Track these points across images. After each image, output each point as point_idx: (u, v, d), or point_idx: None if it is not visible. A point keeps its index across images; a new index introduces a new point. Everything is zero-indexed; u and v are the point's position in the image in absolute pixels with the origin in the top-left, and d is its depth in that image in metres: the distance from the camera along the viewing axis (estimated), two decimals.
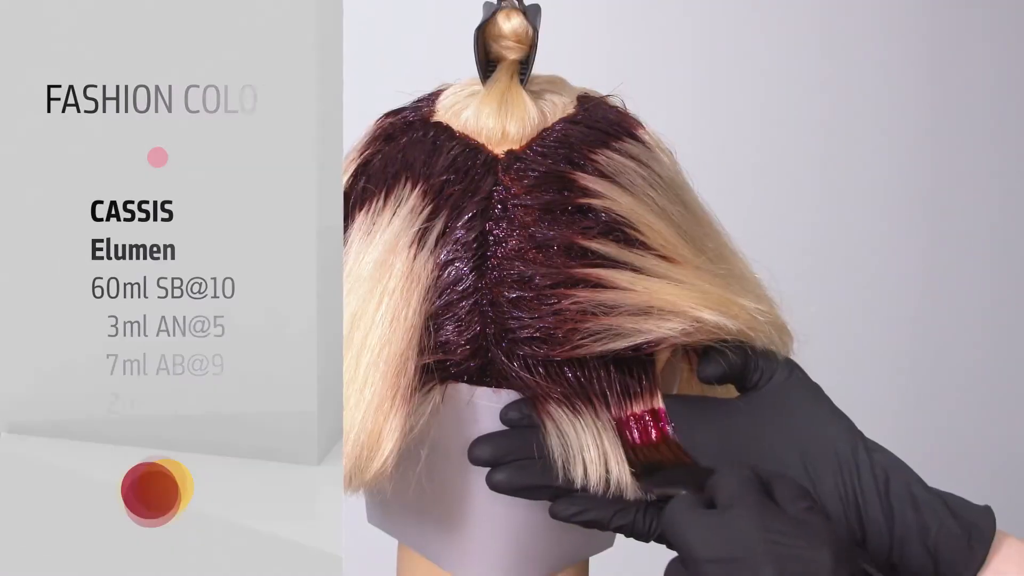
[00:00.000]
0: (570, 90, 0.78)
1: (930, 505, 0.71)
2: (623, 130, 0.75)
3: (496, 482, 0.71)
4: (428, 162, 0.73)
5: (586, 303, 0.69)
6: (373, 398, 0.68)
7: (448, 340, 0.70)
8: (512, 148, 0.73)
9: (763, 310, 0.73)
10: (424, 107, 0.77)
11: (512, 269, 0.70)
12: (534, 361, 0.70)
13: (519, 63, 0.75)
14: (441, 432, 0.72)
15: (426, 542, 0.75)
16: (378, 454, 0.68)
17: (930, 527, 0.70)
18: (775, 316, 0.74)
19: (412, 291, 0.70)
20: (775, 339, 0.74)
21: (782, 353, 0.75)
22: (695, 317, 0.69)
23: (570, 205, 0.71)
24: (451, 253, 0.71)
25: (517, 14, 0.75)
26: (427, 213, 0.71)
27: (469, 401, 0.71)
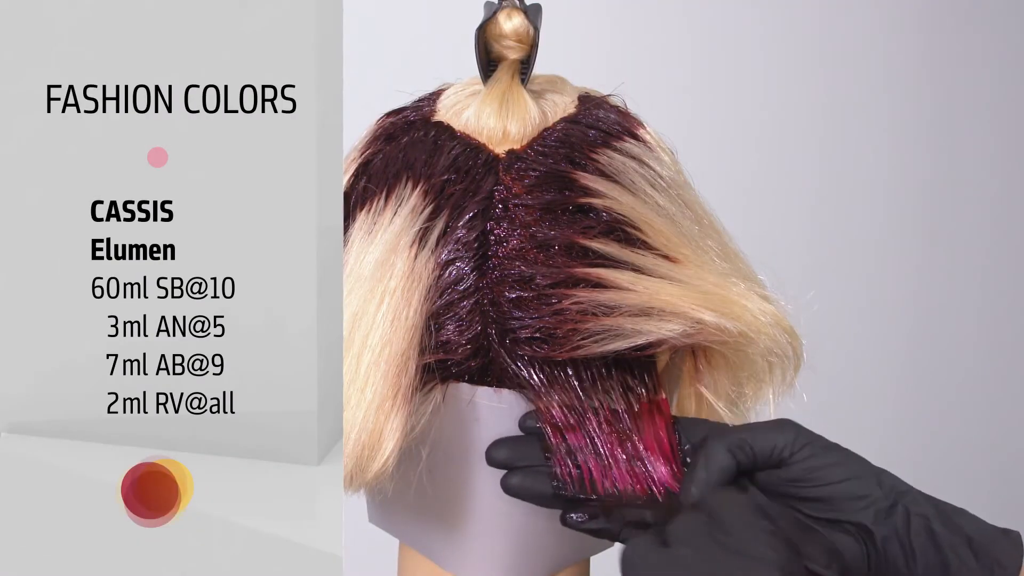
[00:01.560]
0: (571, 90, 0.78)
1: (950, 543, 0.69)
2: (624, 130, 0.75)
3: (511, 486, 0.71)
4: (429, 162, 0.73)
5: (587, 303, 0.69)
6: (374, 398, 0.68)
7: (449, 340, 0.70)
8: (513, 148, 0.73)
9: (766, 311, 0.72)
10: (425, 107, 0.77)
11: (513, 269, 0.70)
12: (535, 361, 0.70)
13: (520, 63, 0.75)
14: (442, 432, 0.72)
15: (427, 542, 0.75)
16: (379, 454, 0.68)
17: (951, 565, 0.69)
18: (780, 318, 0.73)
19: (413, 291, 0.70)
20: (780, 341, 0.73)
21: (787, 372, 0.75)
22: (696, 318, 0.69)
23: (571, 205, 0.71)
24: (452, 253, 0.71)
25: (518, 14, 0.75)
26: (428, 213, 0.71)
27: (470, 401, 0.71)
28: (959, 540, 0.70)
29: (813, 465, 0.70)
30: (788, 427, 0.71)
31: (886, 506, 0.70)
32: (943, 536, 0.69)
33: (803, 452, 0.70)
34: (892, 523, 0.70)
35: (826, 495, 0.70)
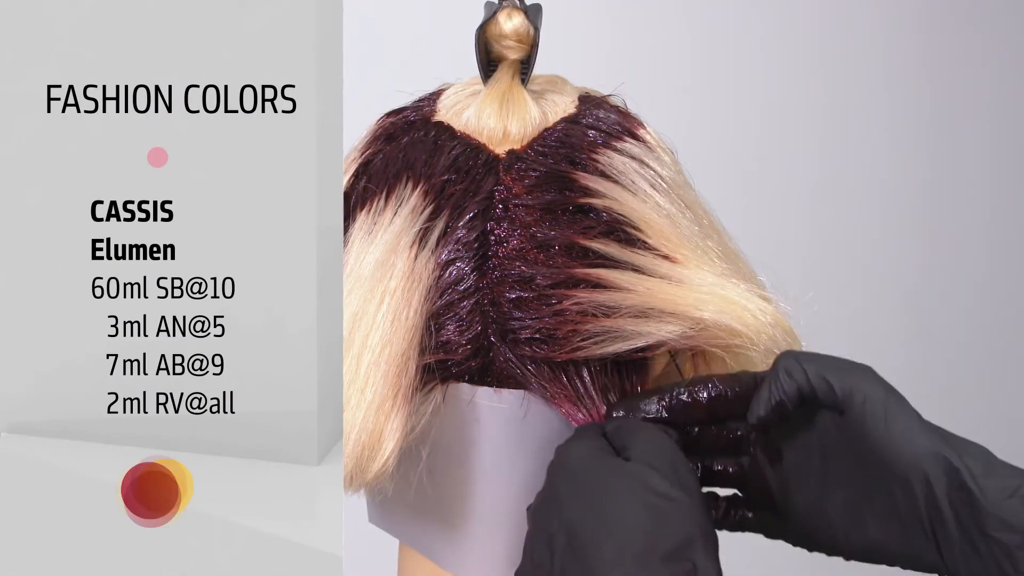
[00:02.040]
0: (571, 90, 0.78)
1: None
2: (624, 130, 0.75)
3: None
4: (429, 162, 0.73)
5: (587, 304, 0.69)
6: (374, 398, 0.68)
7: (449, 340, 0.70)
8: (513, 148, 0.73)
9: (766, 311, 0.72)
10: (425, 107, 0.77)
11: (513, 269, 0.70)
12: (535, 361, 0.70)
13: (520, 63, 0.75)
14: (442, 432, 0.71)
15: (427, 542, 0.75)
16: (379, 454, 0.68)
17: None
18: (780, 318, 0.73)
19: (413, 291, 0.69)
20: (780, 342, 0.73)
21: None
22: (696, 319, 0.69)
23: (571, 205, 0.71)
24: (452, 253, 0.71)
25: (518, 14, 0.75)
26: (428, 213, 0.71)
27: (470, 401, 0.71)
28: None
29: (869, 425, 0.67)
30: (869, 375, 0.69)
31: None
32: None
33: (866, 408, 0.67)
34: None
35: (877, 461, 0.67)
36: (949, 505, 0.66)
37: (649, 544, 0.60)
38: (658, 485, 0.63)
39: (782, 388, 0.69)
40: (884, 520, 0.68)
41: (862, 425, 0.68)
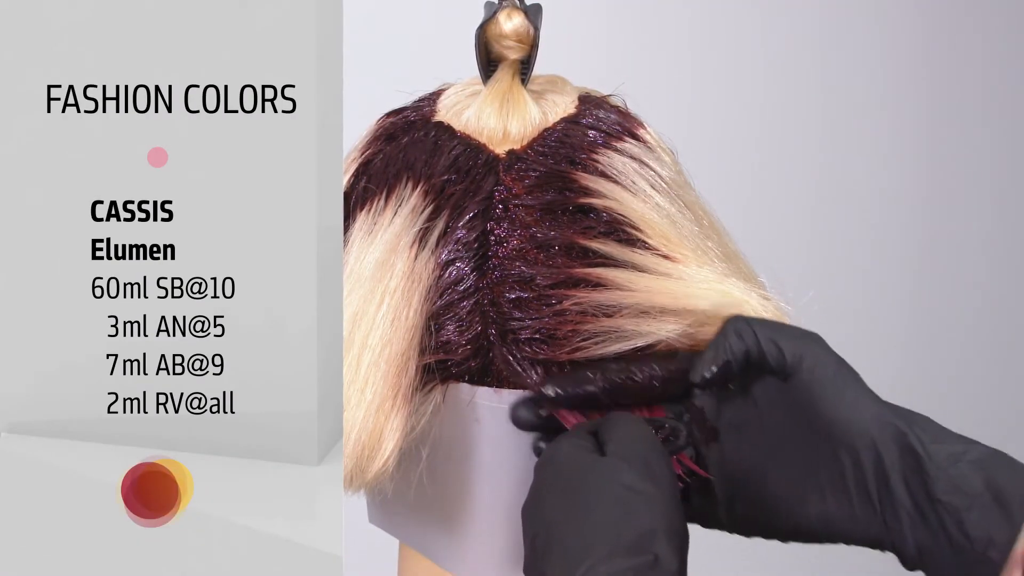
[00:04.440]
0: (571, 90, 0.78)
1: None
2: (624, 130, 0.75)
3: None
4: (429, 162, 0.73)
5: (587, 304, 0.69)
6: (374, 398, 0.68)
7: (449, 340, 0.70)
8: (513, 148, 0.73)
9: (767, 307, 0.72)
10: (425, 107, 0.77)
11: (513, 269, 0.70)
12: (535, 362, 0.70)
13: (520, 63, 0.75)
14: (442, 432, 0.72)
15: (427, 542, 0.75)
16: (379, 454, 0.68)
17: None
18: (779, 316, 0.74)
19: (413, 291, 0.70)
20: None
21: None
22: (695, 311, 0.69)
23: (571, 205, 0.71)
24: (452, 253, 0.71)
25: (518, 14, 0.75)
26: (428, 213, 0.71)
27: (470, 401, 0.71)
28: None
29: (817, 392, 0.67)
30: (819, 342, 0.68)
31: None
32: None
33: (813, 372, 0.67)
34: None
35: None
36: (899, 471, 0.65)
37: (614, 536, 0.60)
38: (627, 479, 0.63)
39: (730, 348, 0.68)
40: (828, 493, 0.68)
41: (810, 391, 0.68)
